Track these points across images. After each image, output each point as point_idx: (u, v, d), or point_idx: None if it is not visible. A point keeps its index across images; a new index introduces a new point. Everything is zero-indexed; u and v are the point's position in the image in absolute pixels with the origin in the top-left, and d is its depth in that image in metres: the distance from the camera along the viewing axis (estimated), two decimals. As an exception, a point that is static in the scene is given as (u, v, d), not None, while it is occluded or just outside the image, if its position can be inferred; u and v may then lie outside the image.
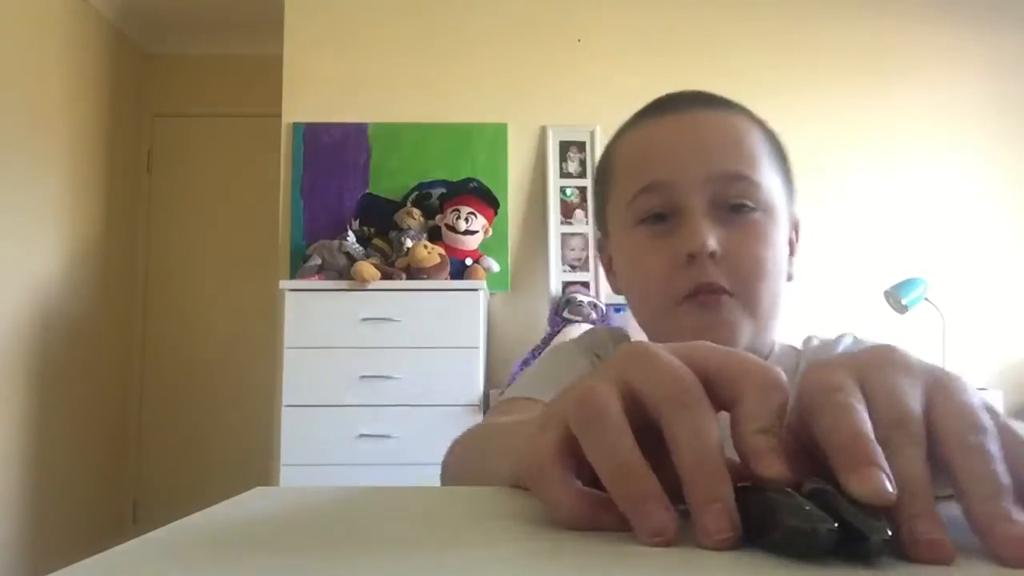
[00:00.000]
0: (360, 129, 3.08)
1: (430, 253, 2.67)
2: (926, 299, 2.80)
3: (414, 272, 2.65)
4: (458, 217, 2.82)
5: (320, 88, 3.11)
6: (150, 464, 3.74)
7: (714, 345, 0.33)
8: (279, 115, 3.10)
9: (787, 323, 2.81)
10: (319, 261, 2.74)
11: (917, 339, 2.92)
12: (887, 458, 0.27)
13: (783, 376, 0.30)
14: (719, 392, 0.30)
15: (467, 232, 2.81)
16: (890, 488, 0.26)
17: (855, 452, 0.27)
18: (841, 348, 0.78)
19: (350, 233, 2.82)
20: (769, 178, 0.69)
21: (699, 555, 0.27)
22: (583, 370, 0.71)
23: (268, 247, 3.26)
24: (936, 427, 0.29)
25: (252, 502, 0.38)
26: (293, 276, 2.82)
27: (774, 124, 2.79)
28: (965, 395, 0.31)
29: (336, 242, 2.78)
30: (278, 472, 2.52)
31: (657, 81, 3.25)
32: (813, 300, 3.05)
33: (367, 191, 3.02)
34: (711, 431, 0.28)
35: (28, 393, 2.98)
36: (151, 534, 0.29)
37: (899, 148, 3.15)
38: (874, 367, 0.31)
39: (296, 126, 3.08)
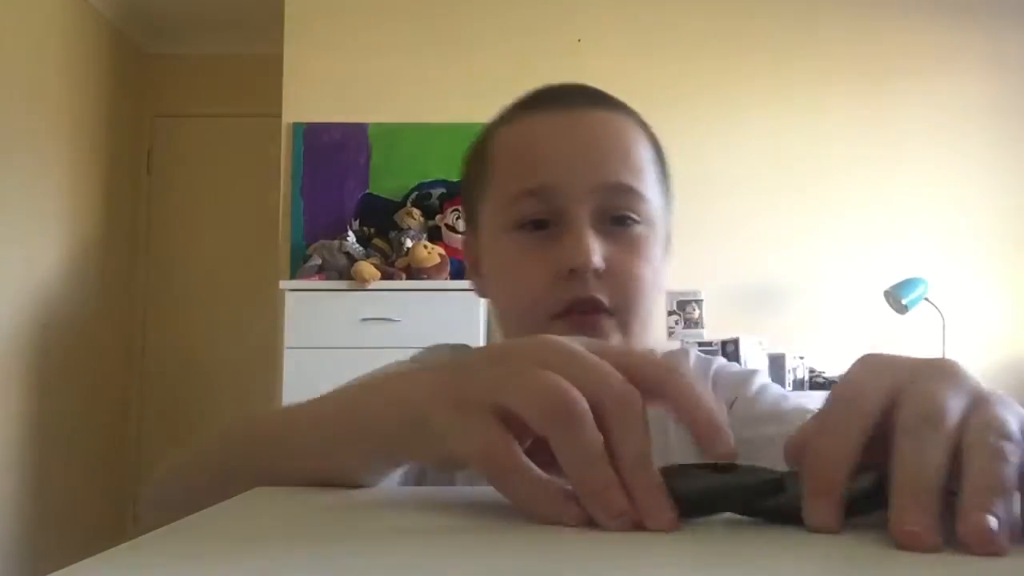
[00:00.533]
0: (360, 129, 3.08)
1: (430, 253, 2.67)
2: (926, 299, 2.80)
3: (414, 272, 2.65)
4: (458, 217, 2.82)
5: (320, 88, 3.11)
6: (150, 464, 3.74)
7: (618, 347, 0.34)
8: (279, 115, 3.10)
9: (788, 324, 2.79)
10: (319, 261, 2.74)
11: (917, 339, 2.92)
12: (905, 446, 0.29)
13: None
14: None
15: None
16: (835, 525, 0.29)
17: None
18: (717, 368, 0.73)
19: (350, 233, 2.82)
20: (653, 190, 0.65)
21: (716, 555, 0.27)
22: None
23: (268, 247, 3.26)
24: (966, 431, 0.29)
25: (252, 502, 0.38)
26: (293, 276, 2.82)
27: (774, 124, 2.80)
28: (1004, 408, 0.31)
29: (336, 242, 2.78)
30: (278, 472, 2.52)
31: (657, 81, 3.27)
32: (813, 300, 3.05)
33: (367, 191, 3.02)
34: (646, 440, 0.31)
35: (28, 393, 2.98)
36: (151, 534, 0.29)
37: (899, 148, 3.15)
38: (925, 374, 0.32)
39: (296, 126, 3.08)
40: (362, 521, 0.33)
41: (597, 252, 0.60)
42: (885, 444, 0.30)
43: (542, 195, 0.62)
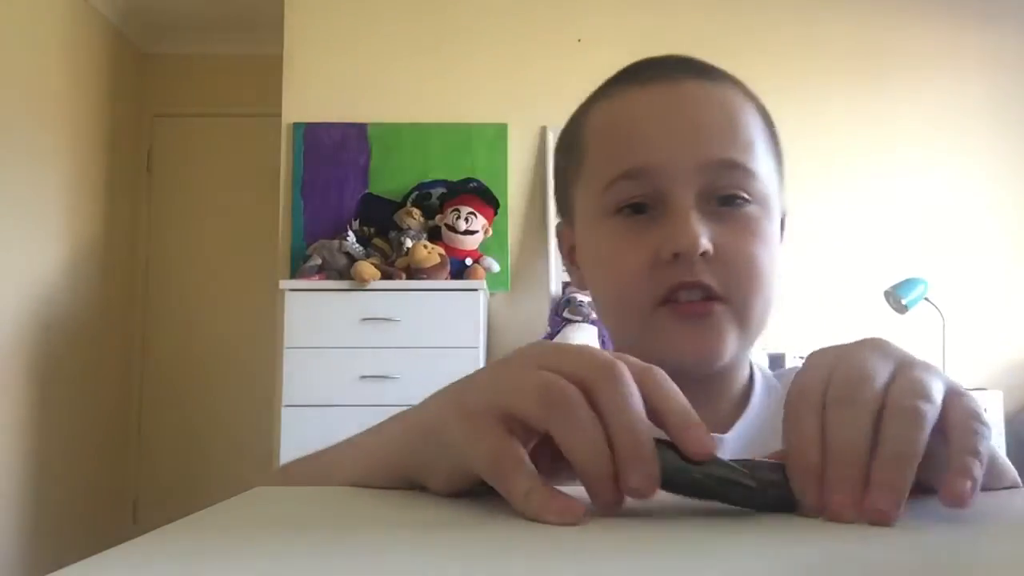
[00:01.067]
0: (360, 129, 3.08)
1: (430, 253, 2.67)
2: (926, 299, 2.80)
3: (414, 272, 2.65)
4: (458, 217, 2.82)
5: (320, 88, 3.11)
6: (150, 464, 3.74)
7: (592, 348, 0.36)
8: (279, 115, 3.10)
9: (788, 324, 2.80)
10: (319, 261, 2.74)
11: (917, 339, 2.92)
12: (831, 420, 0.33)
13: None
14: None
15: (467, 232, 2.81)
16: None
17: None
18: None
19: (350, 233, 2.82)
20: (765, 165, 0.59)
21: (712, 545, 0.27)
22: None
23: (268, 247, 3.26)
24: (887, 396, 0.32)
25: (252, 502, 0.38)
26: (293, 276, 2.82)
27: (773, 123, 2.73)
28: (926, 372, 0.33)
29: (336, 242, 2.78)
30: (278, 472, 2.52)
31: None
32: (813, 300, 3.05)
33: (367, 191, 3.02)
34: (637, 402, 0.32)
35: (28, 393, 2.98)
36: (151, 534, 0.29)
37: (899, 148, 3.15)
38: (852, 350, 0.36)
39: (296, 126, 3.08)
40: (362, 521, 0.33)
41: (704, 234, 0.54)
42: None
43: (641, 177, 0.57)
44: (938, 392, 0.33)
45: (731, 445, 0.60)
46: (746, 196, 0.57)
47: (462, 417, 0.35)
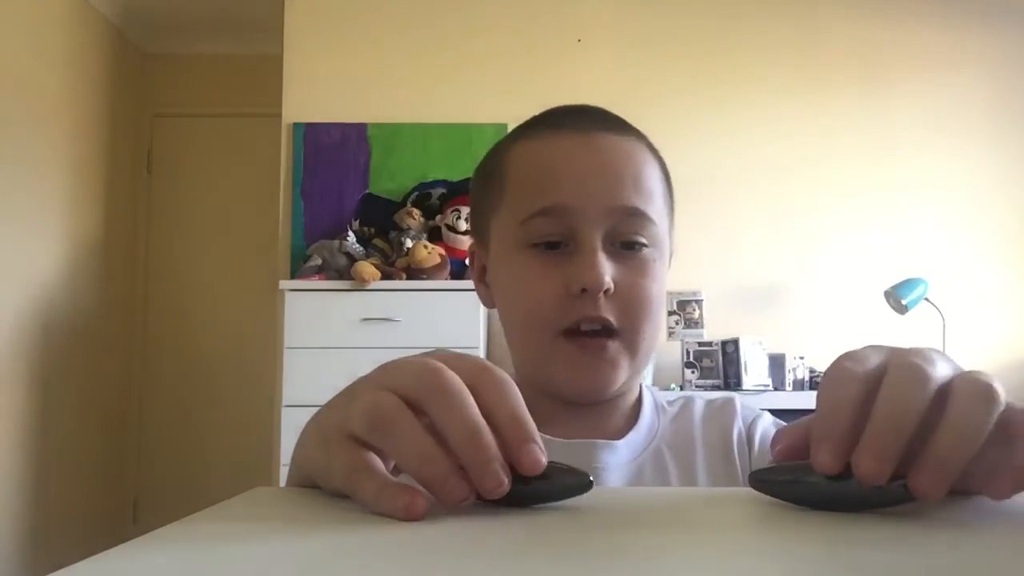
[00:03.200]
0: (360, 129, 3.08)
1: (430, 253, 2.67)
2: (926, 299, 2.80)
3: (414, 272, 2.65)
4: (458, 217, 2.82)
5: (320, 88, 3.11)
6: (150, 464, 3.74)
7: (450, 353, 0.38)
8: (279, 115, 3.10)
9: (788, 325, 2.79)
10: (319, 261, 2.74)
11: (917, 339, 2.92)
12: (886, 383, 0.33)
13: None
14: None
15: (467, 232, 2.82)
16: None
17: None
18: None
19: (350, 233, 2.82)
20: (660, 213, 0.67)
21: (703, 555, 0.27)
22: None
23: (268, 247, 3.26)
24: (950, 383, 0.33)
25: (252, 502, 0.38)
26: (293, 276, 2.82)
27: (774, 124, 2.80)
28: (918, 357, 0.34)
29: (336, 242, 2.78)
30: (278, 472, 2.52)
31: (657, 81, 3.27)
32: (813, 300, 3.05)
33: (367, 191, 3.02)
34: (468, 408, 0.33)
35: (28, 393, 2.98)
36: (151, 534, 0.29)
37: (899, 148, 3.15)
38: (904, 350, 0.36)
39: (296, 126, 3.08)
40: (362, 521, 0.33)
41: (608, 273, 0.62)
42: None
43: (557, 215, 0.64)
44: (1002, 396, 0.33)
45: (623, 451, 0.67)
46: (644, 241, 0.65)
47: (319, 442, 0.39)
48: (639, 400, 0.72)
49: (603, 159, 0.65)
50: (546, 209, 0.64)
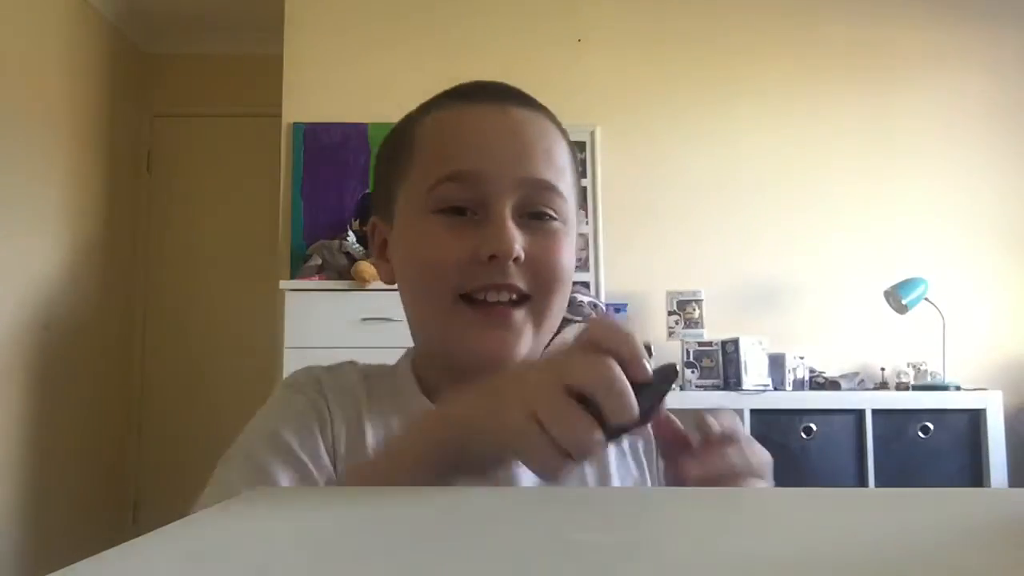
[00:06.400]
0: (360, 129, 3.08)
1: (430, 253, 2.67)
2: (926, 299, 2.80)
3: (414, 272, 2.64)
4: (458, 217, 2.82)
5: (320, 88, 3.11)
6: (150, 464, 3.74)
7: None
8: (279, 115, 3.10)
9: (789, 325, 2.79)
10: (319, 261, 2.74)
11: (917, 339, 2.92)
12: None
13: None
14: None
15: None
16: None
17: None
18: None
19: (350, 233, 2.82)
20: (570, 191, 0.67)
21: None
22: (319, 415, 0.68)
23: (268, 247, 3.26)
24: None
25: (252, 502, 0.38)
26: (293, 276, 2.82)
27: (774, 124, 2.81)
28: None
29: (336, 242, 2.77)
30: (278, 472, 2.52)
31: (657, 81, 3.27)
32: (813, 300, 3.05)
33: (367, 191, 3.02)
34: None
35: (28, 393, 2.98)
36: (151, 534, 0.29)
37: (899, 147, 3.15)
38: None
39: (296, 126, 3.08)
40: (362, 521, 0.33)
41: (519, 241, 0.61)
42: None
43: (466, 181, 0.63)
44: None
45: None
46: (553, 214, 0.65)
47: (490, 395, 0.47)
48: None
49: (516, 130, 0.65)
50: (456, 173, 0.63)
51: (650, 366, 0.44)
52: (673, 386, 0.46)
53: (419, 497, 0.39)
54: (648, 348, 0.47)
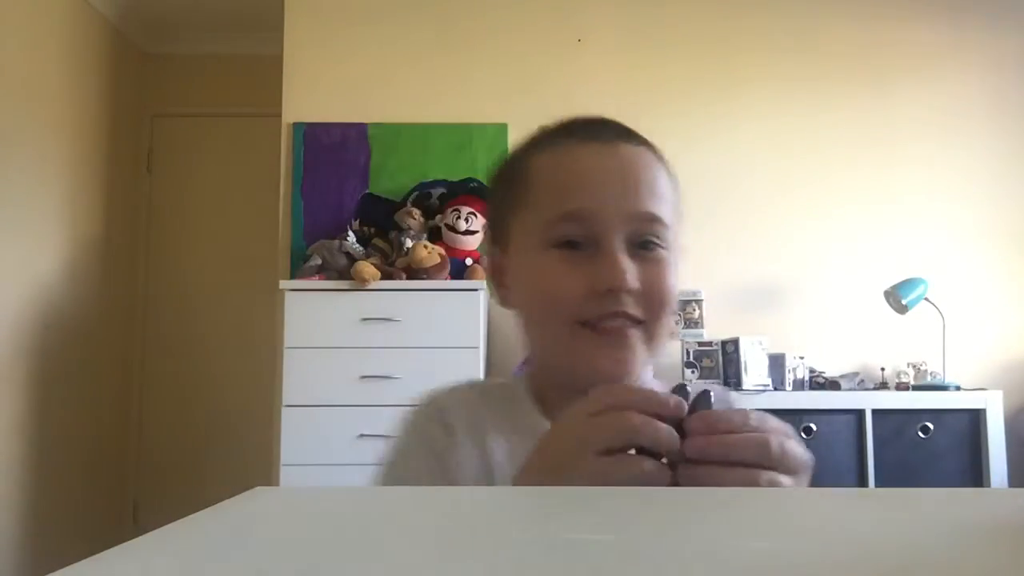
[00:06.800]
0: (360, 129, 3.08)
1: (430, 253, 2.67)
2: (926, 299, 2.80)
3: (414, 272, 2.65)
4: (458, 217, 2.82)
5: (320, 88, 3.11)
6: (150, 464, 3.74)
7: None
8: (279, 115, 3.10)
9: (789, 325, 2.78)
10: (319, 261, 2.74)
11: (917, 339, 2.92)
12: None
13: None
14: None
15: (467, 232, 2.81)
16: None
17: None
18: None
19: (350, 233, 2.82)
20: (671, 217, 0.73)
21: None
22: (444, 443, 0.74)
23: (268, 247, 3.26)
24: None
25: (252, 502, 0.38)
26: (293, 276, 2.82)
27: (774, 124, 2.81)
28: None
29: (336, 242, 2.78)
30: (278, 472, 2.52)
31: (657, 81, 3.27)
32: (813, 300, 3.05)
33: (367, 191, 3.02)
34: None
35: (28, 393, 2.98)
36: (151, 534, 0.29)
37: (899, 147, 3.15)
38: None
39: (296, 126, 3.08)
40: (362, 521, 0.33)
41: (632, 273, 0.68)
42: None
43: (580, 219, 0.69)
44: None
45: None
46: (658, 242, 0.71)
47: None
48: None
49: (624, 168, 0.71)
50: (571, 213, 0.69)
51: (688, 398, 0.49)
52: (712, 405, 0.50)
53: (419, 497, 0.39)
54: (683, 388, 0.53)
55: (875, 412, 2.57)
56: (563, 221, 0.69)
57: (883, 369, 2.87)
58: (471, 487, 0.68)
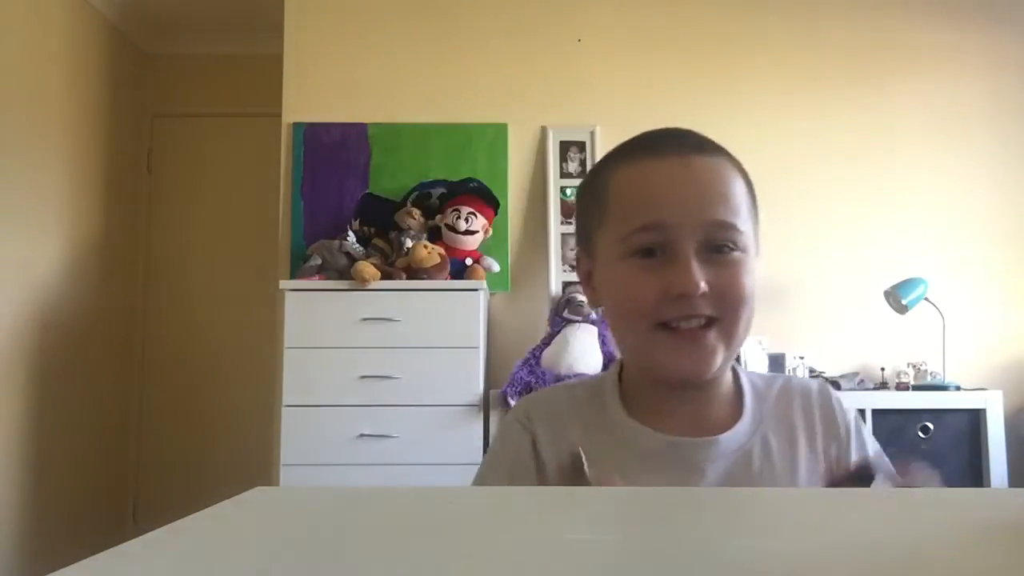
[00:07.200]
0: (360, 129, 3.08)
1: (430, 253, 2.67)
2: (926, 299, 2.80)
3: (414, 272, 2.65)
4: (458, 217, 2.82)
5: (320, 88, 3.11)
6: (150, 464, 3.74)
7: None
8: (279, 115, 3.10)
9: (789, 325, 2.80)
10: (319, 261, 2.74)
11: (917, 339, 2.92)
12: None
13: None
14: None
15: (467, 232, 2.81)
16: None
17: None
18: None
19: (350, 233, 2.82)
20: (747, 223, 0.77)
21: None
22: (525, 444, 0.81)
23: (268, 247, 3.26)
24: None
25: (252, 502, 0.38)
26: (293, 276, 2.82)
27: (774, 124, 2.82)
28: None
29: (336, 242, 2.78)
30: (278, 472, 2.52)
31: (657, 81, 3.28)
32: (813, 300, 3.05)
33: (367, 191, 3.02)
34: None
35: (28, 393, 2.98)
36: (151, 534, 0.29)
37: (899, 147, 3.15)
38: None
39: (296, 126, 3.08)
40: (361, 521, 0.33)
41: (702, 279, 0.72)
42: None
43: (655, 230, 0.74)
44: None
45: (725, 444, 0.77)
46: (732, 246, 0.75)
47: None
48: (738, 385, 0.84)
49: (697, 180, 0.76)
50: (647, 225, 0.74)
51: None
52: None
53: (419, 497, 0.39)
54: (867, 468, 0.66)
55: (875, 412, 2.57)
56: (640, 232, 0.74)
57: (883, 369, 2.87)
58: (471, 487, 0.68)
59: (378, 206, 2.95)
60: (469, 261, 2.81)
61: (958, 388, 2.69)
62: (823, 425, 0.82)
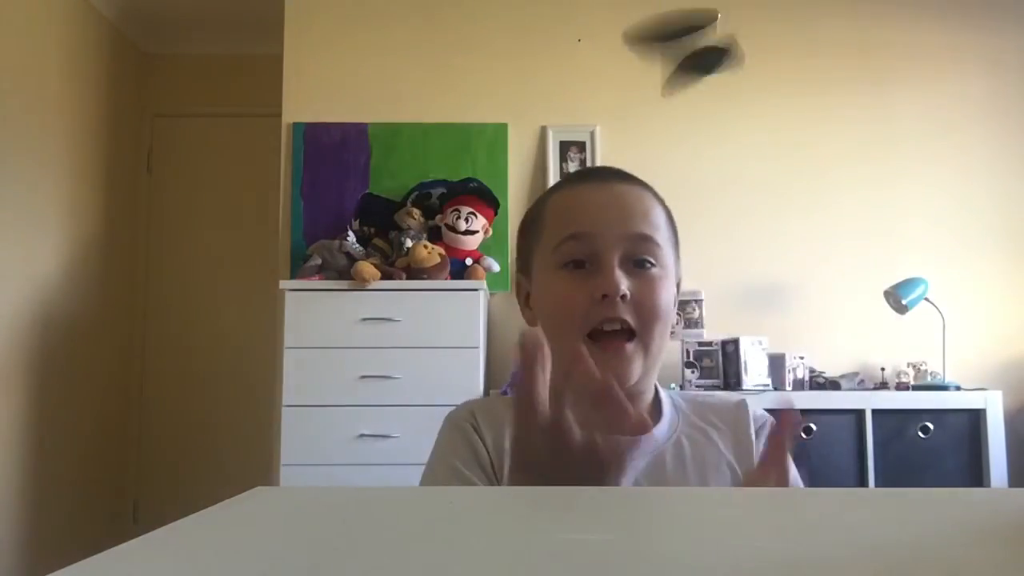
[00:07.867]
0: (360, 129, 3.08)
1: (430, 253, 2.67)
2: (926, 299, 2.80)
3: (414, 272, 2.65)
4: (458, 217, 2.82)
5: (320, 88, 3.11)
6: (150, 464, 3.74)
7: None
8: (279, 115, 3.10)
9: (789, 324, 2.80)
10: (319, 261, 2.74)
11: (917, 339, 2.92)
12: None
13: None
14: None
15: (467, 232, 2.82)
16: None
17: None
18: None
19: (350, 233, 2.82)
20: (666, 244, 0.84)
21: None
22: (477, 442, 0.84)
23: (268, 247, 3.26)
24: None
25: (252, 502, 0.38)
26: (293, 276, 2.82)
27: (774, 124, 2.82)
28: None
29: (336, 242, 2.78)
30: (278, 472, 2.52)
31: (657, 81, 3.25)
32: (813, 300, 3.05)
33: (367, 191, 3.02)
34: None
35: (28, 393, 2.98)
36: (151, 534, 0.29)
37: (899, 147, 3.15)
38: None
39: (296, 126, 3.08)
40: (362, 521, 0.33)
41: (623, 282, 0.79)
42: None
43: (582, 239, 0.81)
44: None
45: (643, 445, 0.80)
46: (652, 261, 0.82)
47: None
48: (657, 399, 0.90)
49: (618, 199, 0.85)
50: (574, 235, 0.82)
51: None
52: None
53: (419, 497, 0.39)
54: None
55: (875, 412, 2.57)
56: (568, 241, 0.81)
57: (883, 369, 2.87)
58: (471, 487, 0.68)
59: (378, 206, 2.95)
60: (469, 261, 2.81)
61: (958, 388, 2.69)
62: (734, 434, 0.88)
